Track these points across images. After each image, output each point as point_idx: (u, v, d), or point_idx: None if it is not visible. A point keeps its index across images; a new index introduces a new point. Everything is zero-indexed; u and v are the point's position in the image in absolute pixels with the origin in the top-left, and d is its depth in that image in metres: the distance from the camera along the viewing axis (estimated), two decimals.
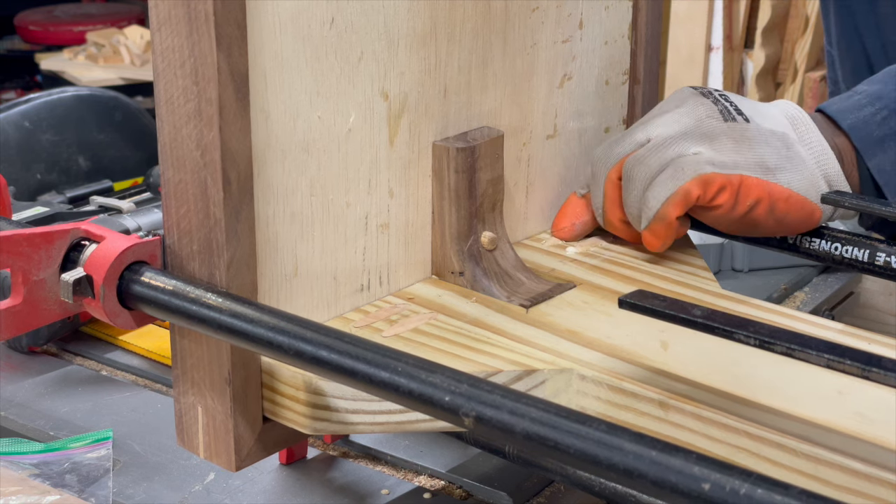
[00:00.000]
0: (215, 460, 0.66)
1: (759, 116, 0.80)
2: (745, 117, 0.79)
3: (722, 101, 0.80)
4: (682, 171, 0.75)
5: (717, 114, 0.79)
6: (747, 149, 0.77)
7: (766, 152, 0.78)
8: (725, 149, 0.77)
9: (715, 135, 0.78)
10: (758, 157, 0.77)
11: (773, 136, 0.79)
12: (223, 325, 0.58)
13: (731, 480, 0.44)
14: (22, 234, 0.62)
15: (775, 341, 0.55)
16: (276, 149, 0.64)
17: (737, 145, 0.77)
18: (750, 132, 0.78)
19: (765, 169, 0.77)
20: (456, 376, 0.52)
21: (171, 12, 0.59)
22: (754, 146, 0.78)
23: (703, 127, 0.78)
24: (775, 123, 0.80)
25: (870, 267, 0.78)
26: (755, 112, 0.80)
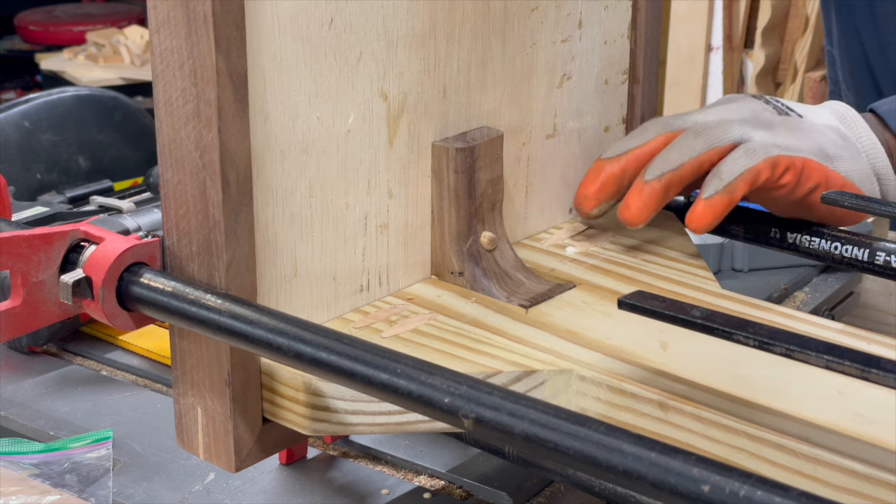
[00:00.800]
0: (215, 461, 0.66)
1: (811, 114, 0.83)
2: (797, 113, 0.82)
3: (773, 101, 0.82)
4: (753, 153, 0.76)
5: (770, 109, 0.81)
6: (806, 137, 0.79)
7: (824, 141, 0.80)
8: (783, 135, 0.79)
9: (773, 124, 0.79)
10: (817, 144, 0.79)
11: (828, 128, 0.81)
12: (222, 326, 0.58)
13: (731, 482, 0.44)
14: (21, 235, 0.62)
15: (774, 342, 0.55)
16: (276, 150, 0.64)
17: (792, 133, 0.79)
18: (805, 124, 0.80)
19: (825, 156, 0.79)
20: (455, 378, 0.52)
21: (169, 14, 0.59)
22: (812, 135, 0.80)
23: (760, 118, 0.80)
24: (826, 119, 0.83)
25: (870, 266, 0.78)
26: (805, 111, 0.83)
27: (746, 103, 0.82)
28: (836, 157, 0.80)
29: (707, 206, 0.76)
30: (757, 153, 0.76)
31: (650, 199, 0.77)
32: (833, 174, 0.79)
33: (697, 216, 0.76)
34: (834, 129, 0.82)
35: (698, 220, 0.76)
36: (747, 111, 0.80)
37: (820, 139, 0.80)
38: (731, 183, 0.76)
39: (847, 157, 0.81)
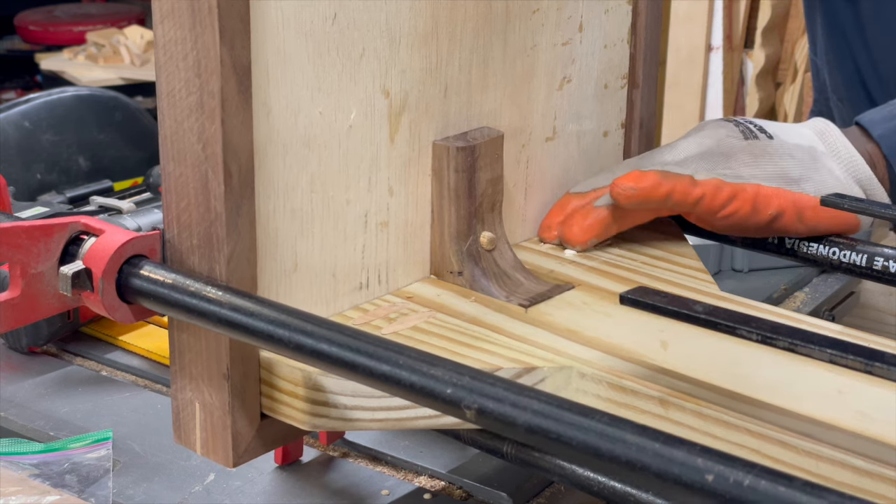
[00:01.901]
0: (212, 456, 0.65)
1: (785, 133, 0.83)
2: (767, 135, 0.82)
3: (744, 124, 0.83)
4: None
5: (737, 133, 0.82)
6: (767, 162, 0.80)
7: (789, 164, 0.80)
8: (742, 164, 0.80)
9: (733, 153, 0.80)
10: (779, 169, 0.80)
11: (799, 149, 0.82)
12: (223, 318, 0.58)
13: (735, 472, 0.44)
14: (21, 226, 0.62)
15: (777, 336, 0.55)
16: (278, 143, 0.64)
17: (755, 160, 0.80)
18: (772, 147, 0.81)
19: (787, 180, 0.80)
20: (457, 369, 0.52)
21: (174, 4, 0.59)
22: (775, 159, 0.80)
23: (723, 146, 0.81)
24: (802, 138, 0.83)
25: (868, 271, 0.78)
26: (781, 130, 0.83)
27: (714, 131, 0.82)
28: (803, 179, 0.80)
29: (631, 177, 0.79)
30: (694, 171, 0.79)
31: (594, 224, 0.81)
32: (800, 196, 0.79)
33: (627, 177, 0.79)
34: (805, 148, 0.82)
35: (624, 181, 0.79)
36: (712, 141, 0.81)
37: (784, 163, 0.81)
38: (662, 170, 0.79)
39: (816, 178, 0.81)
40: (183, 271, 0.62)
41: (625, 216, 0.81)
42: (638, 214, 0.81)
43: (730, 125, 0.83)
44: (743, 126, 0.83)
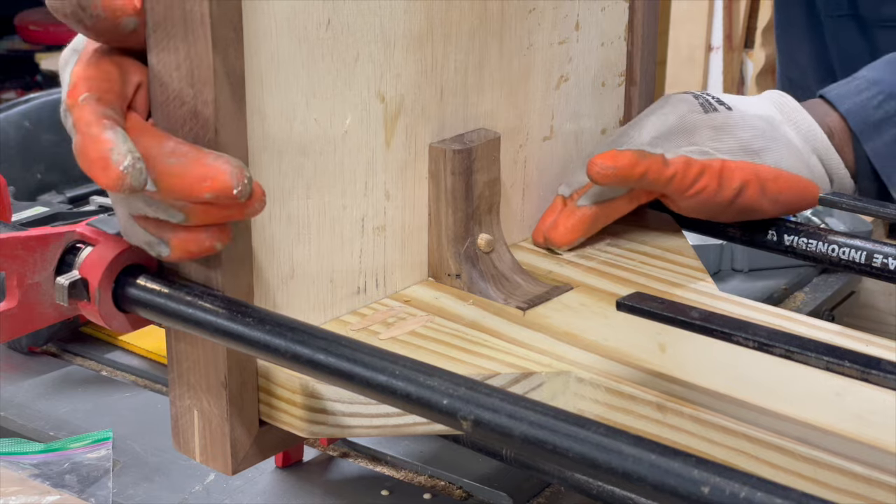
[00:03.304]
0: (211, 464, 0.66)
1: (744, 104, 0.82)
2: (726, 106, 0.81)
3: (703, 96, 0.82)
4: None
5: (697, 107, 0.81)
6: (727, 135, 0.79)
7: (749, 136, 0.80)
8: (705, 139, 0.79)
9: (695, 128, 0.80)
10: (739, 141, 0.79)
11: (758, 119, 0.81)
12: (219, 328, 0.58)
13: (731, 484, 0.44)
14: (17, 237, 0.62)
15: (774, 343, 0.55)
16: (273, 150, 0.64)
17: (716, 133, 0.79)
18: (732, 119, 0.80)
19: (749, 152, 0.79)
20: (454, 379, 0.52)
21: (166, 14, 0.58)
22: (735, 131, 0.80)
23: (685, 122, 0.80)
24: (759, 109, 0.82)
25: (867, 269, 0.78)
26: (740, 102, 0.82)
27: (675, 107, 0.81)
28: (764, 150, 0.80)
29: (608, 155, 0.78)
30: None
31: (578, 223, 0.81)
32: (762, 168, 0.79)
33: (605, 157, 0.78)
34: (764, 118, 0.82)
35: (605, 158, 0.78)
36: (675, 117, 0.80)
37: (744, 134, 0.80)
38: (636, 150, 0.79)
39: (775, 147, 0.80)
40: (179, 281, 0.62)
41: (608, 209, 0.81)
42: (619, 204, 0.81)
43: (689, 98, 0.82)
44: (702, 99, 0.82)
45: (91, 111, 0.56)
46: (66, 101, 0.58)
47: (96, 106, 0.57)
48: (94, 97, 0.57)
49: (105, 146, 0.55)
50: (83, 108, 0.57)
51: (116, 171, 0.54)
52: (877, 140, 0.84)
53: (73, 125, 0.57)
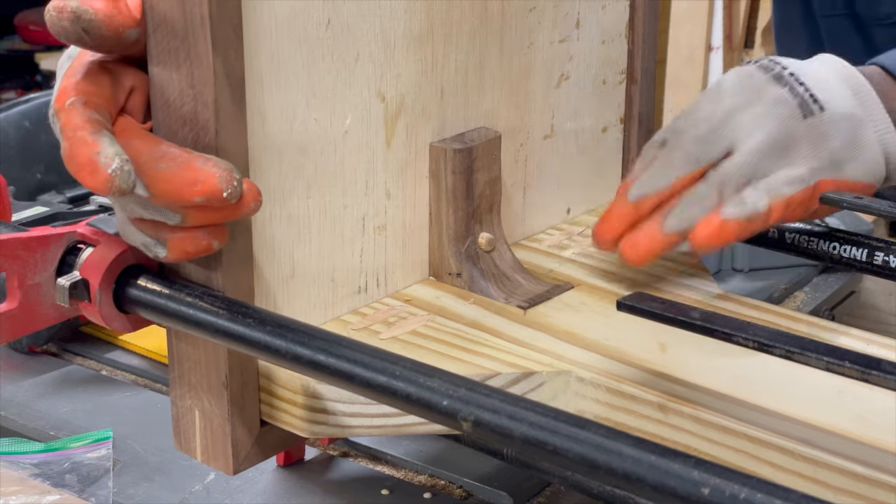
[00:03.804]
0: (213, 464, 0.66)
1: (833, 99, 0.76)
2: (819, 105, 0.75)
3: (797, 88, 0.75)
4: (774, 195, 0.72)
5: (797, 110, 0.75)
6: (823, 147, 0.75)
7: (838, 146, 0.75)
8: (801, 155, 0.74)
9: (794, 141, 0.74)
10: (831, 153, 0.75)
11: (844, 121, 0.75)
12: (220, 328, 0.58)
13: (731, 485, 0.44)
14: (18, 237, 0.62)
15: (774, 344, 0.55)
16: (273, 151, 0.64)
17: (813, 148, 0.74)
18: (825, 125, 0.75)
19: (836, 165, 0.75)
20: (454, 380, 0.52)
21: (166, 15, 0.58)
22: (828, 140, 0.75)
23: (785, 133, 0.74)
24: (844, 103, 0.76)
25: (868, 266, 0.78)
26: (828, 94, 0.76)
27: (775, 106, 0.74)
28: (847, 161, 0.75)
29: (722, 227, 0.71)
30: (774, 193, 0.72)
31: (661, 248, 0.73)
32: (843, 185, 0.75)
33: (709, 235, 0.71)
34: (850, 117, 0.75)
35: (709, 238, 0.71)
36: (775, 125, 0.74)
37: (834, 143, 0.75)
38: (751, 215, 0.71)
39: (857, 157, 0.75)
40: (179, 281, 0.62)
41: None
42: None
43: (785, 94, 0.75)
44: (798, 94, 0.75)
45: (78, 115, 0.56)
46: (54, 106, 0.58)
47: (83, 110, 0.57)
48: (80, 101, 0.57)
49: (92, 150, 0.55)
50: (70, 113, 0.57)
51: (104, 174, 0.54)
52: None
53: (61, 130, 0.57)
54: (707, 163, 0.73)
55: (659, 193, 0.73)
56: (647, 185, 0.74)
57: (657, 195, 0.74)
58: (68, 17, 0.57)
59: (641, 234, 0.73)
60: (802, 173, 0.73)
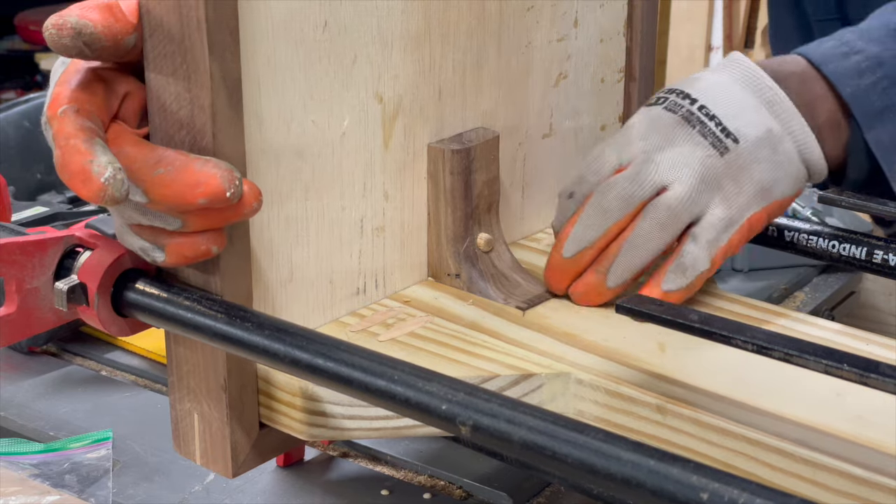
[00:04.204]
0: (212, 467, 0.66)
1: (741, 120, 0.73)
2: (733, 137, 0.73)
3: (708, 125, 0.73)
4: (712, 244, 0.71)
5: (711, 149, 0.72)
6: (746, 180, 0.73)
7: (761, 173, 0.73)
8: (729, 193, 0.72)
9: (719, 182, 0.72)
10: (756, 184, 0.73)
11: (762, 145, 0.73)
12: (218, 332, 0.58)
13: (730, 490, 0.44)
14: (15, 242, 0.62)
15: (773, 346, 0.55)
16: (270, 154, 0.64)
17: (737, 184, 0.72)
18: (743, 157, 0.73)
19: (764, 192, 0.73)
20: (453, 384, 0.52)
21: (162, 18, 0.58)
22: (750, 171, 0.73)
23: (709, 172, 0.72)
24: (758, 123, 0.74)
25: (867, 264, 0.78)
26: (734, 116, 0.73)
27: (692, 150, 0.72)
28: (774, 184, 0.73)
29: (664, 297, 0.71)
30: (713, 245, 0.71)
31: (609, 299, 0.73)
32: (773, 208, 0.74)
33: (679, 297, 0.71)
34: (765, 140, 0.73)
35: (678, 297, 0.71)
36: (697, 164, 0.71)
37: (757, 173, 0.73)
38: (693, 282, 0.71)
39: (781, 177, 0.73)
40: (178, 285, 0.62)
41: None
42: None
43: (695, 134, 0.72)
44: (708, 130, 0.73)
45: (70, 123, 0.56)
46: (46, 113, 0.58)
47: (75, 118, 0.57)
48: (73, 109, 0.57)
49: (85, 158, 0.55)
50: (62, 121, 0.56)
51: (97, 183, 0.54)
52: (879, 129, 0.78)
53: (53, 138, 0.57)
54: (640, 200, 0.71)
55: (596, 245, 0.72)
56: (581, 238, 0.72)
57: (594, 248, 0.72)
58: (69, 34, 0.57)
59: (589, 288, 0.73)
60: (733, 214, 0.72)
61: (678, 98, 0.74)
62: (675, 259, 0.71)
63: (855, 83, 0.77)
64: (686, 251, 0.71)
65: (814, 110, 0.77)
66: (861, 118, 0.77)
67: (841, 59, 0.78)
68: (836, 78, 0.77)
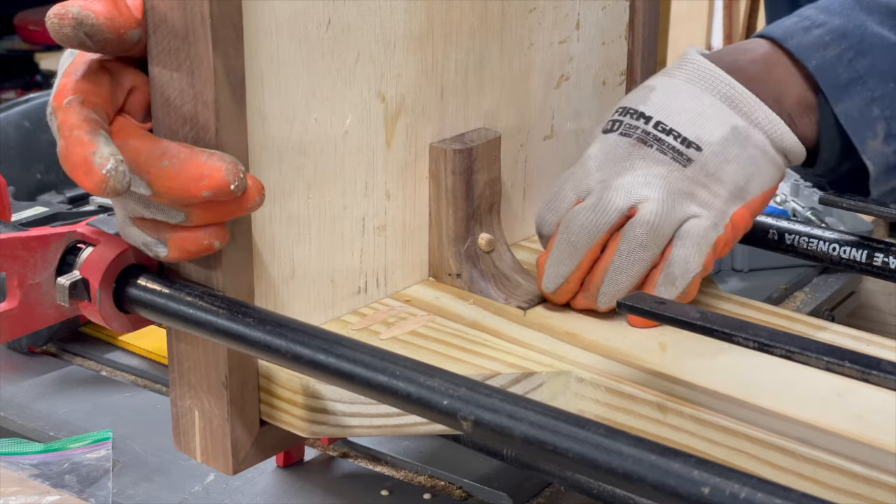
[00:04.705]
0: (212, 464, 0.66)
1: (700, 126, 0.72)
2: (695, 146, 0.71)
3: (665, 141, 0.71)
4: (699, 246, 0.70)
5: (673, 164, 0.71)
6: (718, 183, 0.71)
7: (733, 172, 0.72)
8: (707, 201, 0.71)
9: (690, 191, 0.71)
10: (730, 184, 0.71)
11: (728, 144, 0.72)
12: (220, 328, 0.58)
13: (731, 484, 0.44)
14: (18, 237, 0.62)
15: (774, 344, 0.55)
16: (273, 151, 0.64)
17: (709, 190, 0.71)
18: (709, 163, 0.71)
19: (740, 191, 0.72)
20: (454, 380, 0.52)
21: (166, 15, 0.58)
22: (720, 174, 0.71)
23: (676, 186, 0.71)
24: (720, 123, 0.72)
25: (867, 267, 0.78)
26: (692, 122, 0.72)
27: (649, 168, 0.71)
28: (748, 180, 0.72)
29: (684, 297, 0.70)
30: (701, 250, 0.70)
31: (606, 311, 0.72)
32: (755, 204, 0.73)
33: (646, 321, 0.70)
34: (735, 136, 0.72)
35: (647, 323, 0.70)
36: (661, 182, 0.70)
37: (729, 174, 0.71)
38: (686, 290, 0.70)
39: (755, 171, 0.72)
40: (180, 281, 0.62)
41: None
42: None
43: (654, 153, 0.71)
44: (666, 146, 0.71)
45: (74, 114, 0.56)
46: (51, 104, 0.58)
47: (80, 109, 0.57)
48: (78, 100, 0.57)
49: (87, 149, 0.55)
50: (67, 111, 0.57)
51: (99, 174, 0.54)
52: (847, 102, 0.74)
53: (58, 128, 0.57)
54: (607, 227, 0.70)
55: (572, 278, 0.71)
56: (556, 274, 0.72)
57: (573, 280, 0.71)
58: (70, 24, 0.57)
59: (583, 307, 0.73)
60: (714, 217, 0.71)
61: (632, 119, 0.73)
62: (662, 270, 0.70)
63: (819, 55, 0.75)
64: (673, 260, 0.70)
65: (782, 94, 0.75)
66: (828, 91, 0.74)
67: (803, 33, 0.76)
68: (800, 52, 0.75)
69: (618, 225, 0.70)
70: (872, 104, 0.75)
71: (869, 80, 0.75)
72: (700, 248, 0.70)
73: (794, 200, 1.15)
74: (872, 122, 0.74)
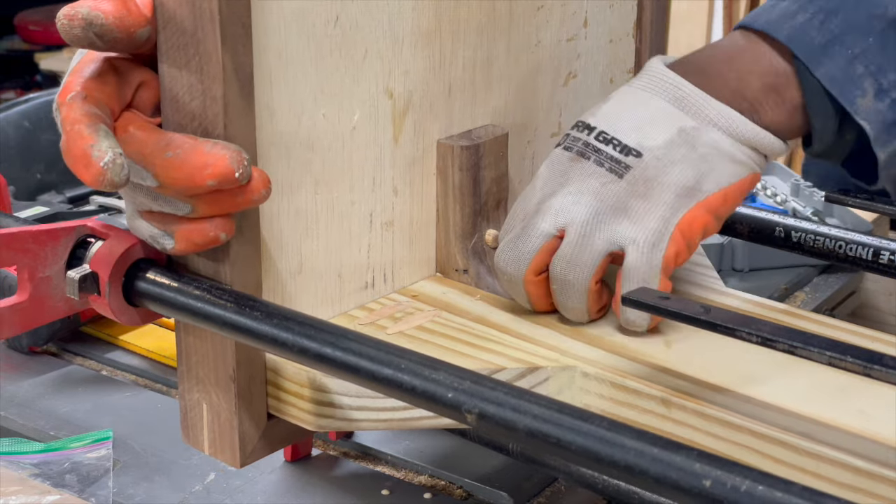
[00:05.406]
0: (220, 457, 0.66)
1: (642, 132, 0.70)
2: (634, 152, 0.70)
3: (603, 151, 0.70)
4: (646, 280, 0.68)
5: (608, 175, 0.69)
6: (660, 189, 0.69)
7: (678, 174, 0.69)
8: (643, 212, 0.69)
9: (624, 203, 0.69)
10: (673, 187, 0.69)
11: (673, 146, 0.70)
12: (228, 321, 0.59)
13: (732, 477, 0.45)
14: (28, 231, 0.62)
15: (777, 339, 0.55)
16: (281, 146, 0.64)
17: (647, 199, 0.69)
18: (649, 168, 0.69)
19: (688, 192, 0.69)
20: (459, 373, 0.53)
21: (175, 12, 0.59)
22: (663, 178, 0.69)
23: (608, 200, 0.69)
24: (664, 126, 0.70)
25: (874, 265, 0.78)
26: (634, 129, 0.70)
27: (582, 181, 0.70)
28: (700, 179, 0.69)
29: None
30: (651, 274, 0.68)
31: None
32: (711, 201, 0.69)
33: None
34: (681, 141, 0.70)
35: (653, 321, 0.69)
36: (592, 198, 0.69)
37: (674, 176, 0.69)
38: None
39: (707, 168, 0.69)
40: (188, 274, 0.62)
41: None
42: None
43: (590, 165, 0.70)
44: (603, 157, 0.70)
45: (77, 109, 0.57)
46: (56, 100, 0.59)
47: (82, 104, 0.58)
48: (80, 95, 0.58)
49: (86, 143, 0.56)
50: (69, 107, 0.58)
51: (97, 167, 0.55)
52: (828, 64, 0.70)
53: (61, 123, 0.58)
54: (533, 254, 0.69)
55: (533, 304, 0.71)
56: (521, 300, 0.72)
57: (534, 305, 0.71)
58: (80, 25, 0.58)
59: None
60: (657, 227, 0.68)
61: (577, 132, 0.72)
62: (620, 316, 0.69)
63: (789, 24, 0.71)
64: (625, 310, 0.68)
65: (743, 83, 0.71)
66: (805, 57, 0.70)
67: (769, 11, 0.73)
68: (769, 27, 0.72)
69: (549, 248, 0.69)
70: (855, 61, 0.70)
71: (845, 38, 0.71)
72: (650, 276, 0.68)
73: (794, 200, 1.15)
74: (858, 79, 0.71)
